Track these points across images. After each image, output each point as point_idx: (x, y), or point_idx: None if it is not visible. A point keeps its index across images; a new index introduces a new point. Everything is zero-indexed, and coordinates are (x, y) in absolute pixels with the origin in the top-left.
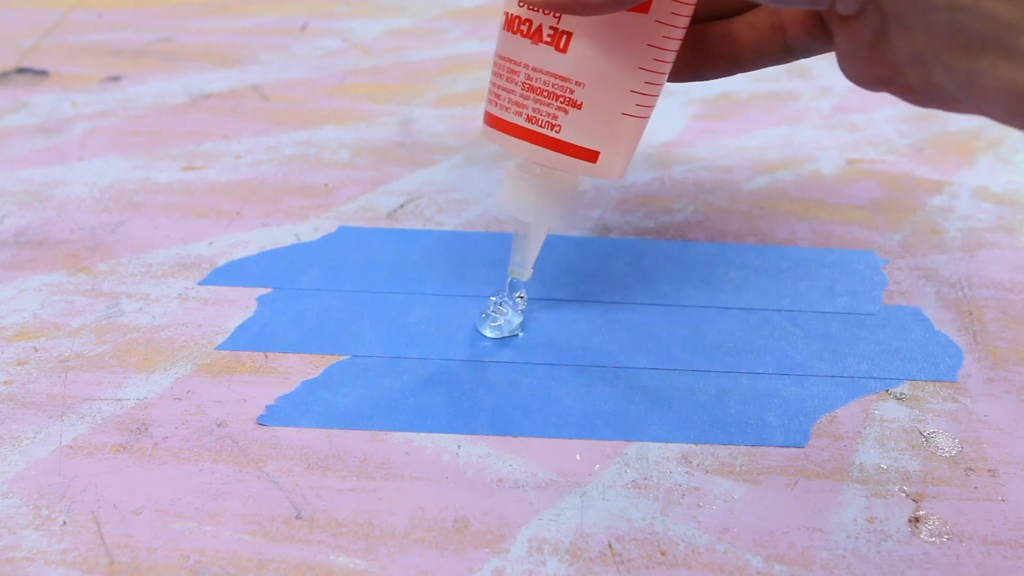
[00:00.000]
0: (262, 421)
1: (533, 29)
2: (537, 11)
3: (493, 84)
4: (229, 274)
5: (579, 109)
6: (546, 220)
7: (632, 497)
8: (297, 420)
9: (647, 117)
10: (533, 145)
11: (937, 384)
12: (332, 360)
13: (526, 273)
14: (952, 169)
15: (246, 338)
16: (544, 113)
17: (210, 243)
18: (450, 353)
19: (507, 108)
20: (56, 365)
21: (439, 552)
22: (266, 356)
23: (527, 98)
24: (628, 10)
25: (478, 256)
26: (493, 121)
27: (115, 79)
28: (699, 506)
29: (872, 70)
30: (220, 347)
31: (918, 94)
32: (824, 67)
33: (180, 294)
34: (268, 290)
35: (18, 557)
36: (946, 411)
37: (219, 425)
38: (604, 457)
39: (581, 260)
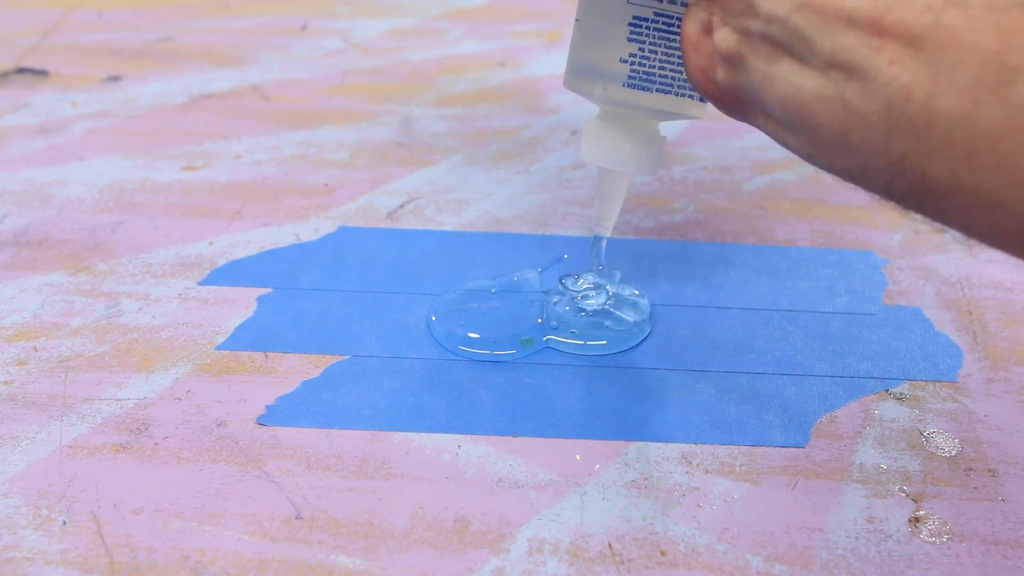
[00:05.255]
0: (262, 421)
1: None
2: None
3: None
4: (229, 274)
5: None
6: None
7: (632, 497)
8: (297, 420)
9: None
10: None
11: (937, 384)
12: (332, 360)
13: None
14: None
15: (246, 338)
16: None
17: (210, 243)
18: (449, 353)
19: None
20: (56, 365)
21: (439, 552)
22: (266, 356)
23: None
24: None
25: (478, 256)
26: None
27: (115, 79)
28: (699, 506)
29: (695, 57)
30: (220, 347)
31: (722, 93)
32: None
33: (180, 294)
34: (268, 290)
35: (18, 557)
36: (946, 411)
37: (219, 425)
38: (604, 457)
39: (581, 260)
